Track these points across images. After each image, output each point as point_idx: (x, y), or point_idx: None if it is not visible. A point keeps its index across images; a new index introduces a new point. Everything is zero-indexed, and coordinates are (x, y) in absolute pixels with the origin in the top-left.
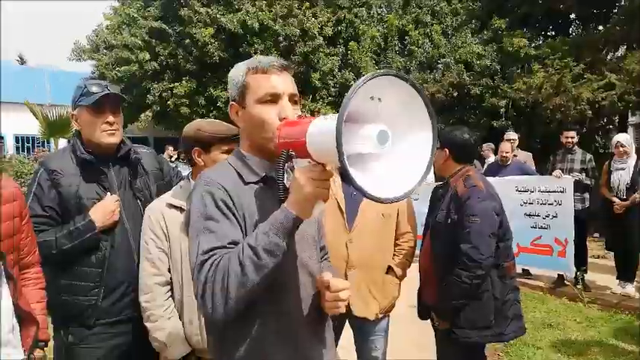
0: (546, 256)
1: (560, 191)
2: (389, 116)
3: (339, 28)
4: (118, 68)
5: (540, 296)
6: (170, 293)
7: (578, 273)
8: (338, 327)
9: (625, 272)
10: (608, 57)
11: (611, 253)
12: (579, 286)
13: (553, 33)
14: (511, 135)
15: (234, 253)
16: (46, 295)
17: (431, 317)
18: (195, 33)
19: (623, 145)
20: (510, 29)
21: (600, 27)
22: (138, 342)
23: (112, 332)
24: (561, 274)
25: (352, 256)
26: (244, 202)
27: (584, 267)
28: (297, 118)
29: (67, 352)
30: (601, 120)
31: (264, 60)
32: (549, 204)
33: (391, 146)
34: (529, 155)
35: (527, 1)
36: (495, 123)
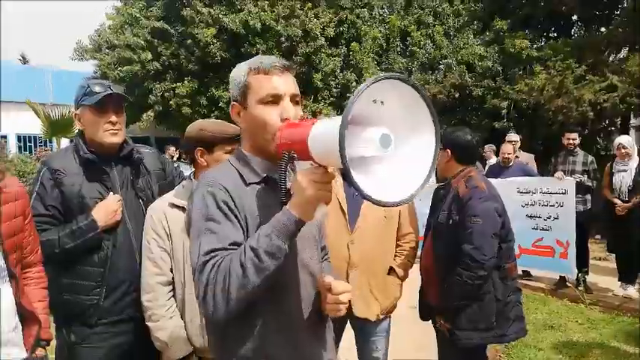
0: (548, 258)
1: (561, 193)
2: (391, 119)
3: (341, 29)
4: (120, 68)
5: (542, 298)
6: (172, 293)
7: (579, 275)
8: (339, 327)
9: (627, 274)
10: (610, 59)
11: (612, 255)
12: (581, 288)
13: (555, 34)
14: (513, 136)
15: (235, 255)
16: (48, 294)
17: (432, 318)
18: (197, 33)
19: (625, 147)
20: (512, 30)
21: (602, 29)
22: (139, 341)
23: (114, 331)
24: (563, 276)
25: (354, 257)
26: (245, 203)
27: (585, 269)
28: (298, 120)
29: (69, 352)
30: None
31: (265, 60)
32: (551, 205)
33: (394, 149)
34: (531, 157)
35: (529, 3)
36: (497, 124)
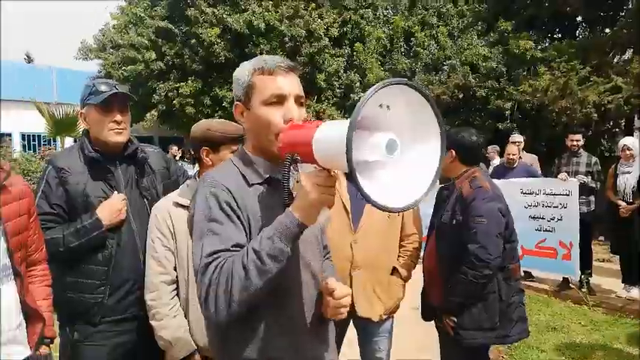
0: (551, 259)
1: (565, 194)
2: (397, 124)
3: (345, 30)
4: (125, 67)
5: (545, 299)
6: (176, 292)
7: (582, 276)
8: (341, 327)
9: (630, 276)
10: (614, 60)
11: (616, 257)
12: (584, 290)
13: (559, 35)
14: (517, 137)
15: (238, 257)
16: (52, 293)
17: (435, 318)
18: (201, 33)
19: (629, 149)
20: (516, 31)
21: (607, 30)
22: (143, 340)
23: (118, 330)
24: (566, 278)
25: (357, 257)
26: (248, 204)
27: (589, 270)
28: (302, 122)
29: (73, 350)
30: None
31: (270, 60)
32: (554, 207)
33: (399, 155)
34: (534, 158)
35: (533, 4)
36: (501, 125)
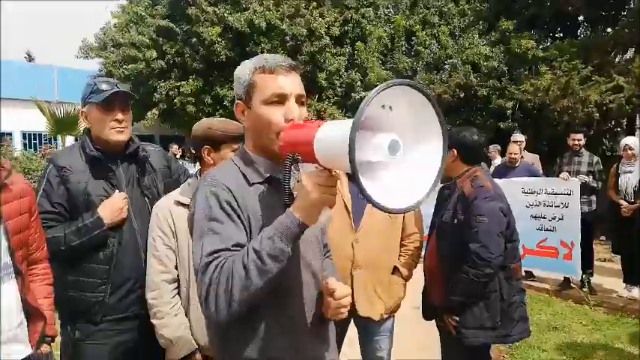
0: (552, 259)
1: (566, 194)
2: (399, 125)
3: (346, 28)
4: (125, 66)
5: (546, 299)
6: (177, 290)
7: (584, 276)
8: (342, 327)
9: (631, 276)
10: (616, 59)
11: (617, 257)
12: (585, 289)
13: (561, 35)
14: (518, 137)
15: (238, 256)
16: (54, 291)
17: (436, 318)
18: (202, 32)
19: (631, 148)
20: (518, 31)
21: (609, 29)
22: (144, 339)
23: (119, 329)
24: (567, 277)
25: (358, 256)
26: (249, 204)
27: (590, 270)
28: (303, 121)
29: (74, 348)
30: (609, 123)
31: (271, 59)
32: (556, 206)
33: (401, 156)
34: (536, 157)
35: (535, 3)
36: (502, 124)
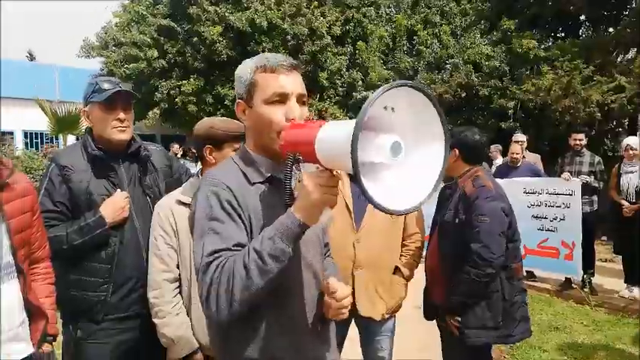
0: (553, 259)
1: (568, 194)
2: (401, 125)
3: (348, 28)
4: (127, 65)
5: (547, 299)
6: (178, 290)
7: (585, 276)
8: (343, 327)
9: (633, 276)
10: (618, 59)
11: (619, 257)
12: (586, 290)
13: (563, 34)
14: (520, 136)
15: (239, 256)
16: (56, 290)
17: (437, 317)
18: (203, 31)
19: (632, 148)
20: (520, 30)
21: (610, 29)
22: (146, 338)
23: (120, 328)
24: (568, 277)
25: (359, 256)
26: (249, 203)
27: (591, 270)
28: (304, 121)
29: (76, 347)
30: (610, 122)
31: (272, 58)
32: (557, 206)
33: (403, 157)
34: (537, 157)
35: (536, 3)
36: (503, 124)
